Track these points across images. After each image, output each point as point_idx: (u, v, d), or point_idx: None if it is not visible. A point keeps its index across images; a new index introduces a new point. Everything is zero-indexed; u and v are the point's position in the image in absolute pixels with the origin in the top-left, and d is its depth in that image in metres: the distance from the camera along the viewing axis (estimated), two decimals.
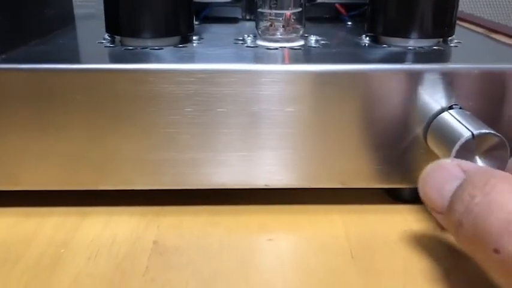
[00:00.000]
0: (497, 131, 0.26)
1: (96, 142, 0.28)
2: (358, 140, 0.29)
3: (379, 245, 0.27)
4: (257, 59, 0.29)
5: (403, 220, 0.29)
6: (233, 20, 0.43)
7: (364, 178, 0.30)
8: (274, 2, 0.32)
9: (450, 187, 0.22)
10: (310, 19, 0.43)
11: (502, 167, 0.25)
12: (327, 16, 0.43)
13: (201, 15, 0.42)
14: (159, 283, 0.24)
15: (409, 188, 0.31)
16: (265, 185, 0.30)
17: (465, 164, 0.23)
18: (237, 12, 0.43)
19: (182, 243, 0.27)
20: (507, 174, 0.21)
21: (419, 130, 0.29)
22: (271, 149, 0.29)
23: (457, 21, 0.39)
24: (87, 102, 0.27)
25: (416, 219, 0.30)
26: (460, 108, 0.28)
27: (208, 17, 0.42)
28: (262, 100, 0.28)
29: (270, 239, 0.28)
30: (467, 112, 0.27)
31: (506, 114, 0.28)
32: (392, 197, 0.32)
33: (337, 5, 0.42)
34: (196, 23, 0.41)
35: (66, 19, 0.40)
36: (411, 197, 0.31)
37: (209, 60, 0.29)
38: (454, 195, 0.22)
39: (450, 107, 0.28)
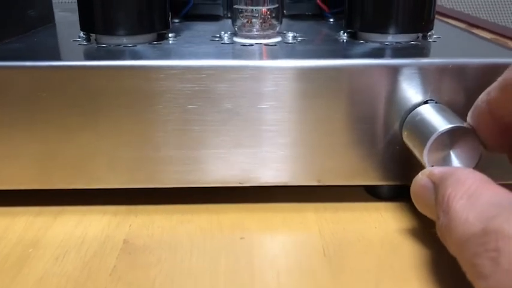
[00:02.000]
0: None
1: (68, 140, 0.28)
2: (334, 137, 0.28)
3: (353, 242, 0.27)
4: (229, 55, 0.29)
5: (379, 217, 0.29)
6: (215, 18, 0.42)
7: (341, 175, 0.29)
8: None
9: (432, 203, 0.22)
10: (293, 16, 0.43)
11: (476, 156, 0.25)
12: (310, 13, 0.43)
13: (182, 13, 0.41)
14: (125, 282, 0.23)
15: (387, 185, 0.31)
16: (240, 183, 0.29)
17: (434, 173, 0.23)
18: (219, 10, 0.43)
19: (152, 242, 0.27)
20: (463, 177, 0.21)
21: (396, 126, 0.28)
22: (245, 147, 0.28)
23: (439, 17, 0.39)
24: (55, 100, 0.27)
25: (393, 216, 0.29)
26: (436, 103, 0.27)
27: (190, 15, 0.42)
28: (234, 97, 0.27)
29: (242, 238, 0.27)
30: (442, 106, 0.27)
31: None
32: (371, 194, 0.32)
33: (319, 2, 0.41)
34: (177, 20, 0.41)
35: (45, 18, 0.39)
36: (389, 194, 0.31)
37: (181, 56, 0.28)
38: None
39: (425, 102, 0.27)
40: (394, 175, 0.29)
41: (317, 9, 0.42)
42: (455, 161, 0.25)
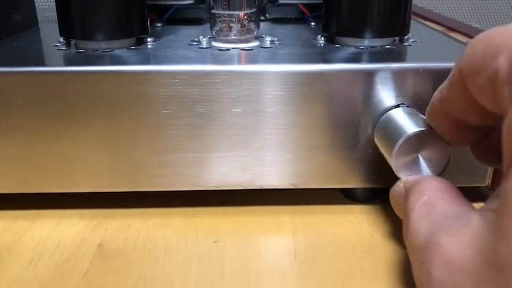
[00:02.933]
0: None
1: (45, 145, 0.28)
2: (308, 141, 0.28)
3: (325, 245, 0.27)
4: (203, 60, 0.29)
5: (353, 220, 0.29)
6: (198, 22, 0.43)
7: (315, 179, 0.29)
8: (225, 3, 0.32)
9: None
10: (275, 20, 0.43)
11: (444, 159, 0.25)
12: (292, 17, 0.43)
13: (165, 17, 0.42)
14: (96, 285, 0.24)
15: (363, 188, 0.31)
16: (216, 187, 0.29)
17: (407, 181, 0.24)
18: (202, 14, 0.43)
19: (127, 246, 0.27)
20: (426, 186, 0.21)
21: (369, 130, 0.28)
22: (220, 151, 0.29)
23: (419, 19, 0.39)
24: (30, 105, 0.27)
25: (368, 219, 0.29)
26: (408, 106, 0.28)
27: (173, 18, 0.42)
28: (208, 101, 0.28)
29: (216, 241, 0.27)
30: (413, 110, 0.27)
31: None
32: (347, 197, 0.32)
33: (300, 6, 0.41)
34: (159, 25, 0.41)
35: (29, 22, 0.40)
36: (365, 197, 0.31)
37: (155, 62, 0.29)
38: None
39: (397, 106, 0.28)
40: (369, 178, 0.29)
41: (299, 13, 0.43)
42: (424, 165, 0.25)
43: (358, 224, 0.29)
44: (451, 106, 0.21)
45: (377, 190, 0.31)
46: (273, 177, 0.29)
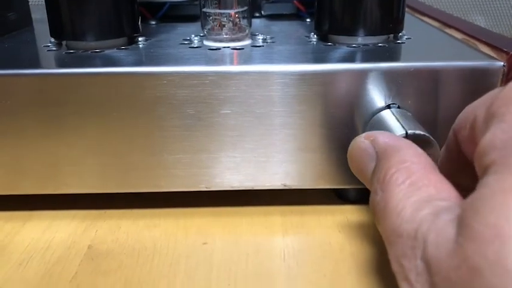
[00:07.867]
0: (434, 129, 0.26)
1: (35, 147, 0.28)
2: (298, 141, 0.28)
3: (314, 247, 0.27)
4: (191, 61, 0.28)
5: (344, 221, 0.29)
6: (193, 18, 0.42)
7: (306, 179, 0.29)
8: (216, 1, 0.32)
9: (368, 170, 0.22)
10: (270, 16, 0.43)
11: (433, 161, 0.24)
12: (287, 13, 0.42)
13: (159, 15, 0.41)
14: None
15: (354, 188, 0.31)
16: (206, 188, 0.29)
17: (378, 141, 0.22)
18: (197, 10, 0.42)
19: (116, 248, 0.27)
20: (410, 159, 0.20)
21: (361, 130, 0.28)
22: (209, 151, 0.28)
23: (416, 14, 0.39)
24: (21, 108, 0.27)
25: (358, 220, 0.29)
26: (398, 107, 0.27)
27: (168, 15, 0.42)
28: (195, 102, 0.27)
29: (205, 243, 0.27)
30: (404, 111, 0.27)
31: (443, 112, 0.27)
32: (339, 197, 0.32)
33: (295, 2, 0.41)
34: (154, 22, 0.41)
35: (23, 21, 0.40)
36: (356, 197, 0.31)
37: (144, 63, 0.29)
38: (370, 182, 0.21)
39: (388, 106, 0.27)
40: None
41: (294, 9, 0.42)
42: None
43: (348, 226, 0.29)
44: (446, 168, 0.21)
45: (368, 190, 0.31)
46: (264, 178, 0.29)
